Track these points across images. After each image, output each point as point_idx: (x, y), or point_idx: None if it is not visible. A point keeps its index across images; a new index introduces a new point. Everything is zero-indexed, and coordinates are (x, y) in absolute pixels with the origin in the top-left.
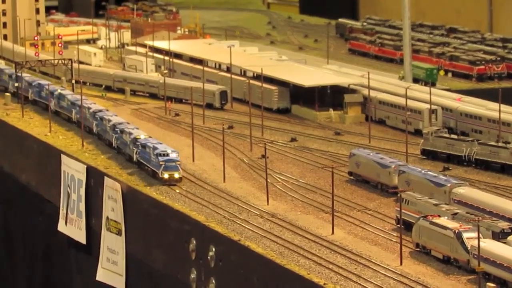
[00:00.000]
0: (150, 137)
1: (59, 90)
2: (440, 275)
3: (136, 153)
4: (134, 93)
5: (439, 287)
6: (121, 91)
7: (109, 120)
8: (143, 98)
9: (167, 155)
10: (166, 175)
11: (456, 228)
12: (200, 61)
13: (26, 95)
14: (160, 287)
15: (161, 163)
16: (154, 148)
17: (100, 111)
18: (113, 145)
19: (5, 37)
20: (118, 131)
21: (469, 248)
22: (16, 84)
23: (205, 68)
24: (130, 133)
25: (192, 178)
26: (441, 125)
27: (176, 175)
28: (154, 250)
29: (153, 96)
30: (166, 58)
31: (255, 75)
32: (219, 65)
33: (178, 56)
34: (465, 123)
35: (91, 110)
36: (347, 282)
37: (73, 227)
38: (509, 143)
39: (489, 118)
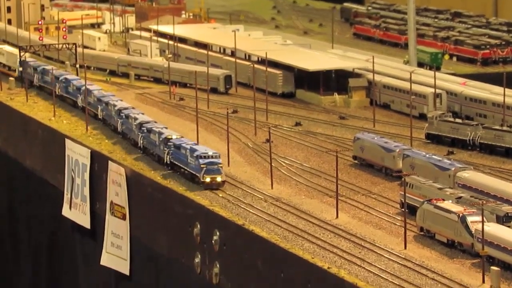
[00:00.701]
0: (182, 136)
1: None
2: (444, 259)
3: (168, 154)
4: (138, 77)
5: (443, 271)
6: (126, 75)
7: (135, 119)
8: (147, 82)
9: (209, 157)
10: (208, 179)
11: (460, 212)
12: (204, 46)
13: (54, 90)
14: (164, 272)
15: (202, 166)
16: (193, 150)
17: (126, 108)
18: (139, 145)
19: (9, 22)
20: (145, 130)
21: (473, 232)
22: (20, 68)
23: (210, 53)
24: (160, 133)
25: None
26: (446, 109)
27: (219, 179)
28: (158, 235)
29: (157, 80)
30: (171, 42)
31: (259, 59)
32: (224, 50)
33: (182, 40)
34: (470, 107)
35: (116, 108)
36: (351, 266)
37: (77, 212)
38: None
39: (493, 102)
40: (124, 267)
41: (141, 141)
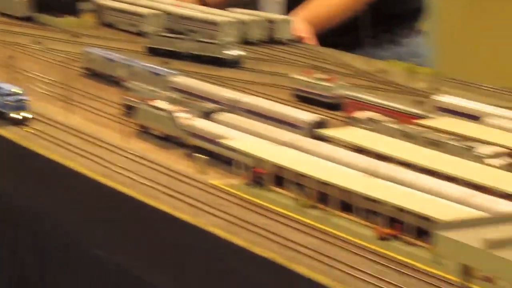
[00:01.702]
0: None
1: None
2: (161, 150)
3: None
4: None
5: (160, 160)
6: None
7: None
8: None
9: (14, 94)
10: (16, 115)
11: (172, 110)
12: None
13: None
14: None
15: (9, 102)
16: None
17: None
18: None
19: None
20: None
21: (183, 127)
22: None
23: None
24: None
25: None
26: (163, 26)
27: (26, 114)
28: None
29: None
30: None
31: None
32: None
33: None
34: (183, 25)
35: None
36: (82, 159)
37: None
38: (216, 39)
39: (201, 19)
40: None
41: None
